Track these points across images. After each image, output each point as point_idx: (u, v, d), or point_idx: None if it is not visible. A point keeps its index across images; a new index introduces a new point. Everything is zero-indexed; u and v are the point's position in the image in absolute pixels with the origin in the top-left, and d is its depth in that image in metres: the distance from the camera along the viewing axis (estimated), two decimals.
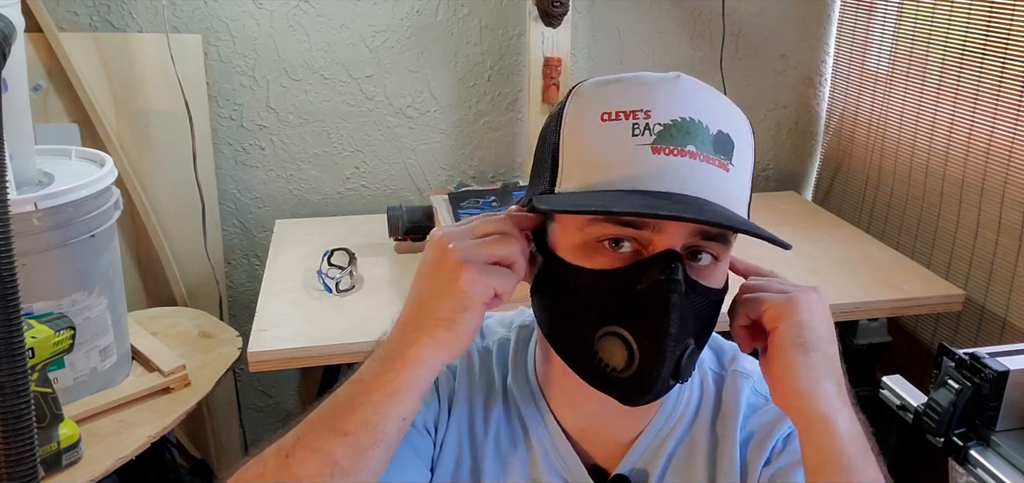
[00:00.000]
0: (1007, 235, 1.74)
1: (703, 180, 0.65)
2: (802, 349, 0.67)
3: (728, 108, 0.69)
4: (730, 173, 0.66)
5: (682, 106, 0.66)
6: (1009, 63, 1.70)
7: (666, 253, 0.65)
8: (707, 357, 0.84)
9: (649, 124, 0.65)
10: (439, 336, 0.67)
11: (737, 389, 0.80)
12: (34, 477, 0.61)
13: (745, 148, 0.69)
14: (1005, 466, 1.22)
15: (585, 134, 0.67)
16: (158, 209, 1.99)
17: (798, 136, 2.43)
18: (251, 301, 2.05)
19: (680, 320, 0.65)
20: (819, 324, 0.68)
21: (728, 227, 0.65)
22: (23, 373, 0.60)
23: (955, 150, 1.86)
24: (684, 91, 0.67)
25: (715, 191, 0.65)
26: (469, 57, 2.14)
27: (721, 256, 0.69)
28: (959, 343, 1.87)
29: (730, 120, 0.68)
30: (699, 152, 0.65)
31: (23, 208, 1.29)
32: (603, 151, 0.66)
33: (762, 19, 2.28)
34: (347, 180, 2.18)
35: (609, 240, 0.66)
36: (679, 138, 0.65)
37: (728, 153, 0.66)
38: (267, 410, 2.31)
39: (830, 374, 0.67)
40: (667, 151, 0.64)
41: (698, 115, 0.66)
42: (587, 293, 0.68)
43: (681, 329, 0.65)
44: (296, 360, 1.52)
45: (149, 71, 1.94)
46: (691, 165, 0.64)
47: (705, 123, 0.66)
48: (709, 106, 0.67)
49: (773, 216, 2.15)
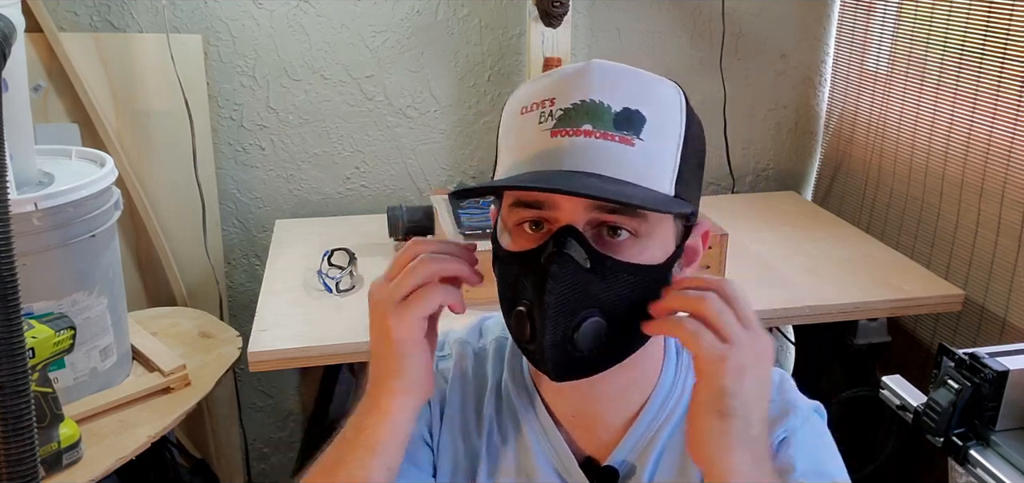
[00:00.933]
0: (1006, 235, 1.74)
1: (599, 156, 0.67)
2: (719, 415, 0.64)
3: (643, 85, 0.71)
4: (636, 147, 0.68)
5: (584, 91, 0.69)
6: (1008, 63, 1.70)
7: (560, 228, 0.68)
8: None
9: (552, 110, 0.69)
10: (395, 386, 0.73)
11: None
12: (34, 477, 0.61)
13: (663, 122, 0.70)
14: (1005, 466, 1.22)
15: (510, 128, 0.73)
16: (158, 209, 1.99)
17: (798, 136, 2.43)
18: (251, 301, 2.05)
19: (567, 292, 0.67)
20: (747, 389, 0.64)
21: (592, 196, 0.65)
22: (23, 373, 0.60)
23: (954, 150, 1.87)
24: (589, 77, 0.70)
25: (613, 166, 0.67)
26: (469, 57, 2.14)
27: (641, 232, 0.69)
28: (959, 343, 1.87)
29: (643, 97, 0.69)
30: (595, 130, 0.67)
31: (23, 208, 1.29)
32: (518, 140, 0.72)
33: (762, 19, 2.28)
34: (347, 180, 2.18)
35: (528, 223, 0.71)
36: (576, 119, 0.68)
37: (634, 129, 0.68)
38: (267, 410, 2.31)
39: (745, 445, 0.64)
40: (564, 132, 0.68)
41: (599, 96, 0.68)
42: (508, 274, 0.72)
43: (569, 301, 0.67)
44: (296, 360, 1.52)
45: (149, 71, 1.94)
46: (586, 143, 0.67)
47: (606, 103, 0.68)
48: (615, 87, 0.69)
49: (773, 216, 2.15)
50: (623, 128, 0.68)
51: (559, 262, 0.66)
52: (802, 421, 0.78)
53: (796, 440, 0.77)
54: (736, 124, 2.34)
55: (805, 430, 0.78)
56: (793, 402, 0.79)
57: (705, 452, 0.65)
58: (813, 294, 1.70)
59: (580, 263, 0.67)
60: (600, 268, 0.68)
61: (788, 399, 0.80)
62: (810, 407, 0.81)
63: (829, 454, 0.79)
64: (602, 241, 0.69)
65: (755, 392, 0.65)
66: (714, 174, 2.38)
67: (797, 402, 0.80)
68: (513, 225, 0.72)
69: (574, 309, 0.67)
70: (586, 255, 0.67)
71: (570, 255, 0.66)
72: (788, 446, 0.76)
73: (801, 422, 0.78)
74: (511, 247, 0.72)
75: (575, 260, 0.67)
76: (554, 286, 0.66)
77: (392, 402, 0.73)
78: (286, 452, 2.36)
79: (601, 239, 0.69)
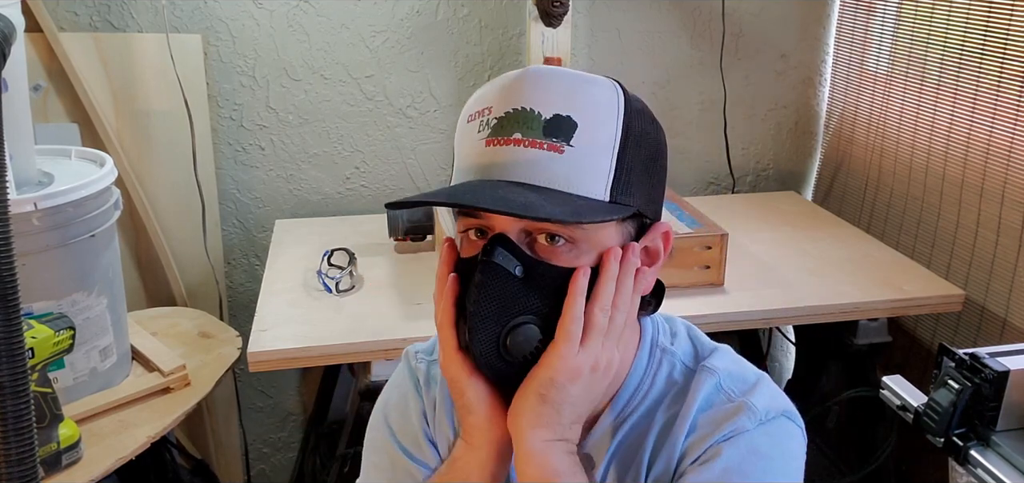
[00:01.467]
0: (1007, 235, 1.74)
1: (528, 166, 0.68)
2: (539, 398, 0.70)
3: (578, 89, 0.71)
4: (565, 154, 0.68)
5: (516, 98, 0.70)
6: (1008, 63, 1.70)
7: (492, 237, 0.70)
8: (683, 349, 0.82)
9: (488, 119, 0.71)
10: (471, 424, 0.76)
11: (699, 383, 0.78)
12: (34, 477, 0.61)
13: (598, 123, 0.70)
14: (1005, 466, 1.22)
15: (459, 137, 0.75)
16: (158, 209, 1.99)
17: (798, 136, 2.43)
18: (251, 301, 2.05)
19: (494, 300, 0.69)
20: (568, 388, 0.70)
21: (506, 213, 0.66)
22: (23, 373, 0.59)
23: (954, 150, 1.87)
24: (524, 84, 0.71)
25: (541, 174, 0.68)
26: (469, 57, 2.14)
27: (577, 238, 0.71)
28: (959, 343, 1.87)
29: (576, 102, 0.70)
30: (525, 138, 0.68)
31: (23, 208, 1.29)
32: (461, 150, 0.73)
33: (762, 19, 2.28)
34: (347, 180, 2.18)
35: (473, 231, 0.73)
36: (507, 128, 0.69)
37: (564, 135, 0.69)
38: (267, 410, 2.31)
39: (549, 427, 0.71)
40: (495, 142, 0.69)
41: (531, 104, 0.69)
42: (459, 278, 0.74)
43: (497, 309, 0.69)
44: (296, 360, 1.52)
45: (149, 71, 1.94)
46: (515, 152, 0.69)
47: (536, 110, 0.69)
48: (548, 92, 0.70)
49: (773, 216, 2.15)
50: (552, 135, 0.68)
51: (485, 270, 0.68)
52: (757, 423, 0.75)
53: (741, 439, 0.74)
54: (736, 124, 2.34)
55: (759, 432, 0.74)
56: (750, 404, 0.76)
57: (517, 423, 0.72)
58: (813, 294, 1.70)
59: (510, 271, 0.69)
60: (533, 275, 0.69)
61: (748, 401, 0.76)
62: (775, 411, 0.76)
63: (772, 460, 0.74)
64: (538, 247, 0.70)
65: (579, 392, 0.71)
66: (714, 174, 2.38)
67: (755, 404, 0.76)
68: (461, 232, 0.74)
69: (503, 317, 0.69)
70: (517, 262, 0.69)
71: (498, 263, 0.68)
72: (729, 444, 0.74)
73: (755, 424, 0.74)
74: (462, 253, 0.75)
75: (504, 268, 0.68)
76: (479, 294, 0.68)
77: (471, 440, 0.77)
78: (286, 452, 2.36)
79: (535, 247, 0.70)
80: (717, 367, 0.80)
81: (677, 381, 0.81)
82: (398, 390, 0.91)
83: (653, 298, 0.81)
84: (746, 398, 0.77)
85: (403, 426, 0.88)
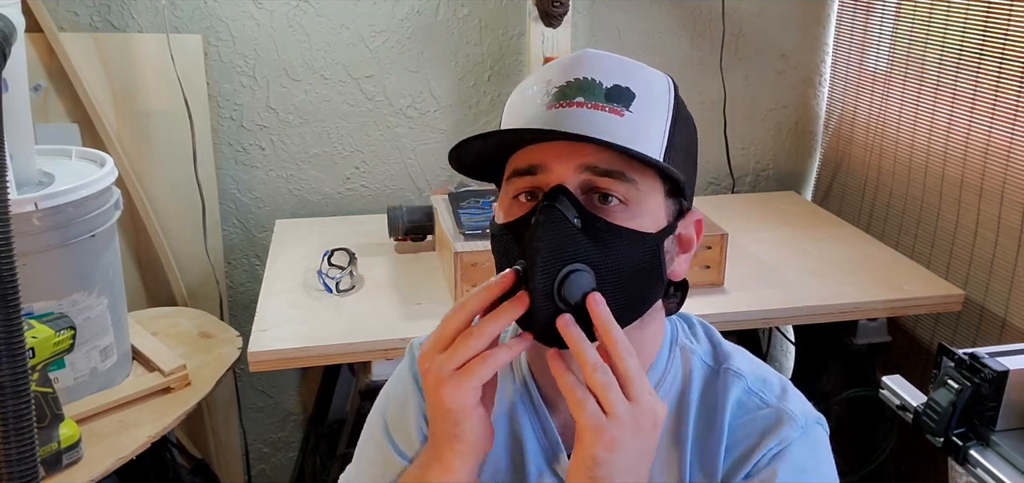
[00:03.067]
0: (1006, 235, 1.74)
1: (591, 123, 0.71)
2: (589, 481, 0.67)
3: (634, 69, 0.75)
4: (625, 118, 0.71)
5: (578, 70, 0.73)
6: (1006, 62, 1.70)
7: (552, 188, 0.71)
8: (701, 347, 0.84)
9: (549, 89, 0.74)
10: (456, 449, 0.73)
11: (727, 386, 0.80)
12: (34, 477, 0.61)
13: (653, 100, 0.74)
14: (1005, 466, 1.22)
15: (511, 107, 0.78)
16: (158, 209, 1.99)
17: (798, 136, 2.43)
18: (251, 301, 2.05)
19: (556, 242, 0.68)
20: (618, 461, 0.67)
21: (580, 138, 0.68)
22: (23, 373, 0.60)
23: (954, 150, 1.87)
24: (584, 60, 0.74)
25: (603, 131, 0.70)
26: (469, 57, 2.14)
27: (631, 199, 0.71)
28: (959, 343, 1.87)
29: (633, 77, 0.74)
30: (587, 101, 0.71)
31: (23, 208, 1.29)
32: (517, 114, 0.76)
33: (762, 19, 2.28)
34: (347, 180, 2.18)
35: (523, 194, 0.74)
36: (570, 93, 0.72)
37: (624, 102, 0.72)
38: (267, 410, 2.31)
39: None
40: (558, 105, 0.72)
41: (592, 74, 0.73)
42: (502, 245, 0.75)
43: (557, 250, 0.68)
44: (296, 360, 1.52)
45: (149, 71, 1.94)
46: (579, 113, 0.71)
47: (598, 79, 0.72)
48: (608, 68, 0.74)
49: (773, 216, 2.15)
50: (613, 100, 0.72)
51: (548, 213, 0.69)
52: (800, 433, 0.77)
53: (789, 453, 0.76)
54: (736, 124, 2.34)
55: (801, 443, 0.77)
56: (790, 412, 0.78)
57: None
58: (813, 294, 1.70)
59: (569, 219, 0.69)
60: (590, 228, 0.70)
61: (786, 409, 0.78)
62: (811, 418, 0.80)
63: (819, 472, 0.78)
64: (594, 205, 0.72)
65: (627, 464, 0.67)
66: (714, 174, 2.38)
67: (794, 412, 0.78)
68: (510, 198, 0.74)
69: (562, 259, 0.69)
70: (576, 213, 0.70)
71: (559, 209, 0.69)
72: (780, 459, 0.76)
73: (799, 434, 0.77)
74: (505, 219, 0.75)
75: (564, 215, 0.69)
76: (543, 233, 0.68)
77: (454, 460, 0.73)
78: (286, 452, 2.36)
79: (592, 204, 0.71)
80: (743, 370, 0.81)
81: (697, 380, 0.81)
82: (400, 384, 0.91)
83: (677, 293, 0.81)
84: (783, 405, 0.79)
85: (398, 422, 0.88)
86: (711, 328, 0.88)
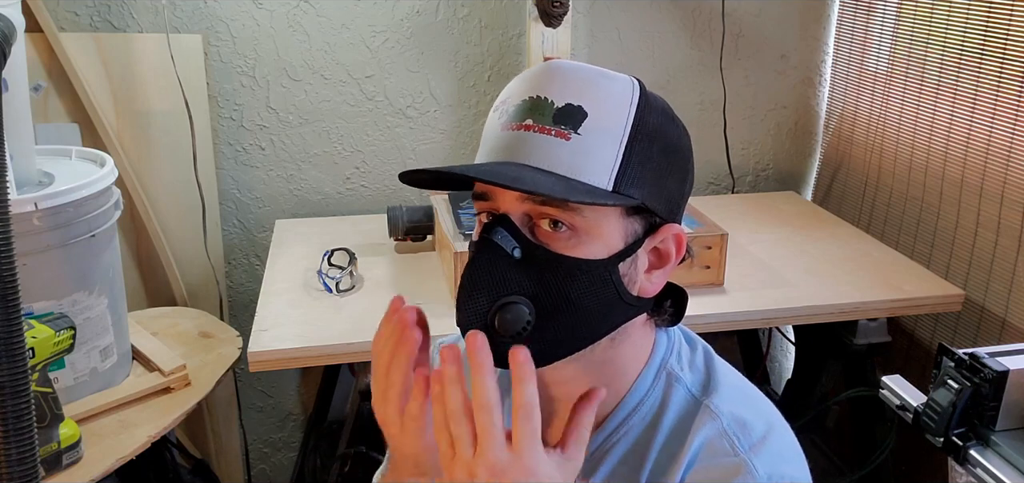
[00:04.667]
0: (1006, 235, 1.74)
1: (534, 149, 0.69)
2: None
3: (593, 83, 0.71)
4: (571, 141, 0.69)
5: (534, 88, 0.72)
6: (1007, 63, 1.70)
7: (494, 217, 0.71)
8: (692, 376, 0.80)
9: (507, 107, 0.73)
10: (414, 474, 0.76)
11: (700, 423, 0.75)
12: (34, 477, 0.61)
13: (607, 117, 0.70)
14: (1005, 466, 1.22)
15: (486, 126, 0.76)
16: (158, 209, 1.99)
17: (798, 136, 2.43)
18: (251, 301, 2.05)
19: (486, 273, 0.69)
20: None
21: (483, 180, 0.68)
22: (23, 373, 0.60)
23: (954, 150, 1.87)
24: (542, 75, 0.72)
25: (546, 158, 0.69)
26: (469, 57, 2.14)
27: (578, 226, 0.70)
28: (958, 343, 1.87)
29: (589, 94, 0.70)
30: (536, 124, 0.70)
31: (23, 208, 1.29)
32: (484, 136, 0.75)
33: (762, 19, 2.28)
34: (347, 180, 2.18)
35: (485, 214, 0.74)
36: (521, 115, 0.71)
37: (573, 123, 0.69)
38: (267, 410, 2.31)
39: None
40: (511, 127, 0.71)
41: (545, 93, 0.71)
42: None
43: (489, 284, 0.69)
44: (296, 360, 1.52)
45: (149, 71, 1.94)
46: (525, 136, 0.70)
47: (549, 98, 0.70)
48: (564, 83, 0.71)
49: (773, 216, 2.15)
50: (561, 122, 0.69)
51: (481, 246, 0.70)
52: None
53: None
54: (736, 124, 2.35)
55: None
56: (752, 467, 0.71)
57: None
58: (813, 294, 1.70)
59: (507, 251, 0.69)
60: (531, 258, 0.69)
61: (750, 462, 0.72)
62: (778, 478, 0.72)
63: None
64: (540, 232, 0.70)
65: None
66: (714, 174, 2.38)
67: (758, 470, 0.71)
68: (477, 216, 0.76)
69: (494, 293, 0.69)
70: (516, 244, 0.69)
71: (494, 241, 0.69)
72: None
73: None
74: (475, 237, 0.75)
75: (501, 247, 0.69)
76: (474, 270, 0.69)
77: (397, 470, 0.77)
78: (286, 452, 2.36)
79: (540, 231, 0.70)
80: (721, 410, 0.76)
81: (676, 407, 0.77)
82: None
83: (673, 306, 0.79)
84: (750, 457, 0.72)
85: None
86: (715, 358, 0.83)
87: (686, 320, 0.82)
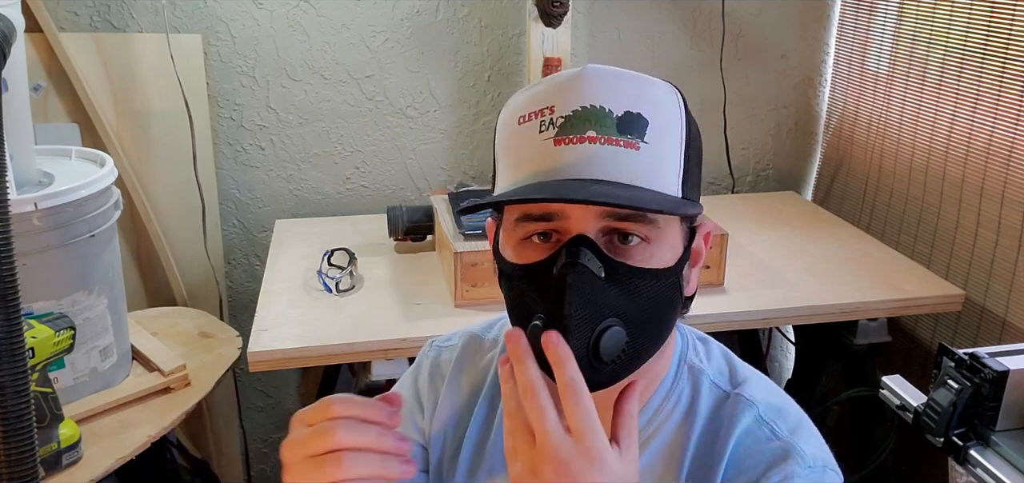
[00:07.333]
0: (1007, 235, 1.74)
1: (606, 162, 0.66)
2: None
3: (641, 88, 0.70)
4: (640, 151, 0.67)
5: (583, 96, 0.68)
6: (1010, 63, 1.70)
7: (572, 238, 0.66)
8: (715, 369, 0.81)
9: (553, 119, 0.68)
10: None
11: (736, 412, 0.76)
12: (34, 477, 0.61)
13: (665, 123, 0.69)
14: (1005, 466, 1.22)
15: (508, 139, 0.71)
16: (158, 209, 1.99)
17: (798, 136, 2.43)
18: (251, 301, 2.05)
19: (584, 301, 0.65)
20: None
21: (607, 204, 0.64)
22: (23, 373, 0.60)
23: (955, 150, 1.87)
24: (587, 81, 0.69)
25: (620, 171, 0.66)
26: (469, 57, 2.14)
27: (651, 237, 0.68)
28: (959, 343, 1.87)
29: (642, 99, 0.68)
30: (600, 136, 0.66)
31: (23, 208, 1.29)
32: (520, 152, 0.70)
33: (762, 19, 2.28)
34: (347, 180, 2.18)
35: (537, 235, 0.69)
36: (579, 126, 0.67)
37: (637, 132, 0.67)
38: (267, 410, 2.31)
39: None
40: (567, 140, 0.67)
41: (600, 101, 0.67)
42: (519, 286, 0.70)
43: (587, 310, 0.65)
44: (296, 360, 1.52)
45: (149, 71, 1.94)
46: (591, 150, 0.66)
47: (608, 107, 0.67)
48: (614, 90, 0.68)
49: (773, 216, 2.15)
50: (627, 132, 0.67)
51: (575, 273, 0.65)
52: (807, 472, 0.73)
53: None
54: (736, 124, 2.34)
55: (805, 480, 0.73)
56: (799, 449, 0.73)
57: None
58: (813, 294, 1.70)
59: (595, 273, 0.65)
60: (614, 276, 0.66)
61: (795, 445, 0.74)
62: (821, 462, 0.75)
63: None
64: (614, 248, 0.68)
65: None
66: (714, 174, 2.38)
67: (804, 450, 0.74)
68: (520, 238, 0.70)
69: (594, 320, 0.65)
70: (601, 264, 0.66)
71: (585, 265, 0.65)
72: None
73: (803, 470, 0.73)
74: (518, 260, 0.70)
75: (590, 270, 0.65)
76: (572, 297, 0.64)
77: None
78: None
79: (613, 246, 0.68)
80: (756, 398, 0.77)
81: (707, 401, 0.78)
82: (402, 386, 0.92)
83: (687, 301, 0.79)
84: (793, 440, 0.74)
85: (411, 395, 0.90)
86: (729, 352, 0.84)
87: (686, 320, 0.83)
